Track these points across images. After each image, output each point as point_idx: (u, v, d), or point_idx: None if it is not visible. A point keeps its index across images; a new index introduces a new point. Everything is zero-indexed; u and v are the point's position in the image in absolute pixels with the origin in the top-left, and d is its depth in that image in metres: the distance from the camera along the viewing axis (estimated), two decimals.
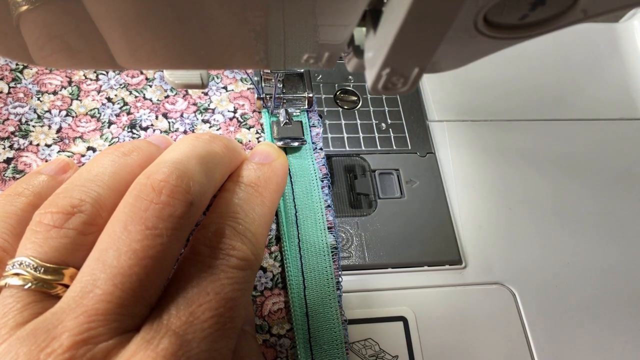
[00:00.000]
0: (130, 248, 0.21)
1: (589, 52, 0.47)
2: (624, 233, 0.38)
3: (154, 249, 0.21)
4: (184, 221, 0.22)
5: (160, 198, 0.22)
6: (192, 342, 0.20)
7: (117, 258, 0.20)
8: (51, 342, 0.19)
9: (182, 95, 0.37)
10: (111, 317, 0.20)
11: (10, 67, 0.36)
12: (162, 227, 0.21)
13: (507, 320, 0.33)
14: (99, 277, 0.20)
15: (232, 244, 0.24)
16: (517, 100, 0.43)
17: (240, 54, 0.19)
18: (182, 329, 0.20)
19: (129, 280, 0.20)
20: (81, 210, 0.23)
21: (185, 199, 0.22)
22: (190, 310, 0.21)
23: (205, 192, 0.24)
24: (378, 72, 0.18)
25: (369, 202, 0.36)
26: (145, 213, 0.21)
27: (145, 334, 0.20)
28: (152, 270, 0.21)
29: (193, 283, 0.22)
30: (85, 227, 0.23)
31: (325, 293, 0.30)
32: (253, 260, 0.25)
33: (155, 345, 0.20)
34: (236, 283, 0.23)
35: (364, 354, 0.30)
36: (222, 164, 0.27)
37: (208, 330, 0.21)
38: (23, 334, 0.19)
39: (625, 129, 0.43)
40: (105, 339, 0.19)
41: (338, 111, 0.39)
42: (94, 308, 0.19)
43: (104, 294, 0.20)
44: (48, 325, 0.19)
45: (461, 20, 0.17)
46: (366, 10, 0.18)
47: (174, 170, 0.23)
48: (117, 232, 0.21)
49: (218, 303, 0.22)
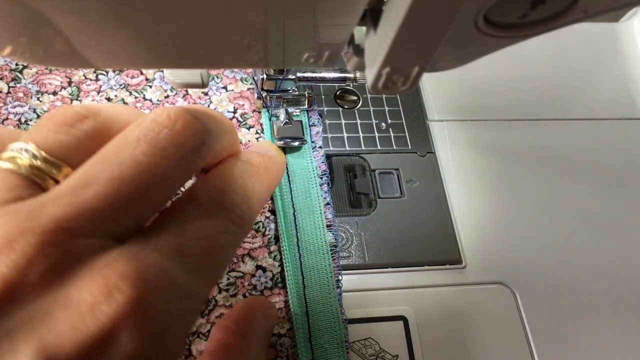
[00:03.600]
0: (136, 159, 0.20)
1: (589, 52, 0.47)
2: (624, 233, 0.38)
3: (158, 167, 0.21)
4: (193, 156, 0.22)
5: (175, 126, 0.22)
6: (174, 270, 0.20)
7: (120, 163, 0.20)
8: (31, 221, 0.18)
9: (182, 95, 0.37)
10: (100, 218, 0.19)
11: (10, 67, 0.36)
12: (171, 151, 0.21)
13: (507, 320, 0.33)
14: (99, 176, 0.20)
15: (231, 199, 0.24)
16: (517, 100, 0.43)
17: (240, 53, 0.19)
18: (169, 255, 0.20)
19: (127, 189, 0.20)
20: (96, 118, 0.23)
21: (198, 134, 0.22)
22: (181, 240, 0.21)
23: (215, 144, 0.24)
24: (378, 71, 0.18)
25: (369, 202, 0.36)
26: (158, 135, 0.21)
27: (130, 247, 0.20)
28: (152, 187, 0.20)
29: (189, 218, 0.22)
30: (96, 134, 0.22)
31: (325, 292, 0.30)
32: (247, 221, 0.24)
33: (140, 258, 0.19)
34: (230, 234, 0.23)
35: (364, 354, 0.30)
36: (230, 132, 0.27)
37: (192, 265, 0.21)
38: (4, 209, 0.18)
39: (625, 129, 0.43)
40: (88, 235, 0.19)
41: (338, 111, 0.39)
42: (86, 202, 0.19)
43: (99, 193, 0.19)
44: (33, 207, 0.18)
45: (461, 19, 0.17)
46: (366, 10, 0.18)
47: (189, 111, 0.23)
48: (126, 142, 0.21)
49: (209, 244, 0.21)
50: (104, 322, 0.17)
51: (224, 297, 0.30)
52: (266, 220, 0.33)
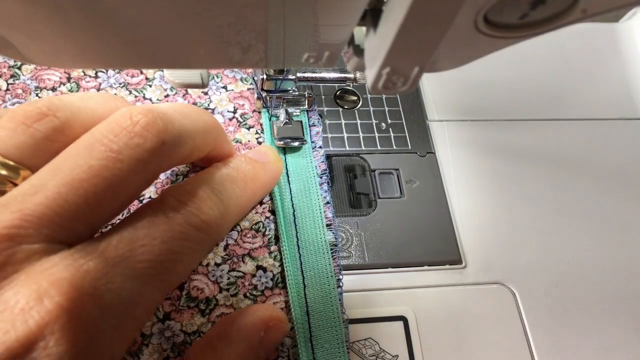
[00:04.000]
0: (87, 163, 0.21)
1: (589, 52, 0.47)
2: (624, 233, 0.38)
3: (109, 172, 0.21)
4: (151, 157, 0.22)
5: (134, 128, 0.22)
6: (118, 276, 0.20)
7: (71, 169, 0.20)
8: None
9: (182, 94, 0.37)
10: (45, 223, 0.19)
11: (9, 64, 0.36)
12: (126, 154, 0.21)
13: (507, 320, 0.33)
14: (48, 183, 0.20)
15: (200, 205, 0.24)
16: (516, 100, 0.43)
17: (239, 53, 0.19)
18: (114, 260, 0.20)
19: (75, 194, 0.20)
20: (56, 116, 0.23)
21: (158, 135, 0.22)
22: (130, 246, 0.21)
23: (182, 144, 0.24)
24: (378, 72, 0.18)
25: (369, 202, 0.36)
26: (115, 138, 0.21)
27: (75, 251, 0.20)
28: (102, 191, 0.21)
29: (145, 224, 0.22)
30: (54, 133, 0.22)
31: (325, 291, 0.30)
32: (215, 228, 0.24)
33: (80, 264, 0.19)
34: (187, 240, 0.23)
35: (364, 354, 0.30)
36: (207, 132, 0.27)
37: (140, 271, 0.21)
38: None
39: (625, 129, 0.43)
40: (32, 241, 0.19)
41: (338, 111, 0.39)
42: (31, 209, 0.19)
43: (45, 199, 0.20)
44: None
45: (461, 19, 0.17)
46: (366, 10, 0.18)
47: (155, 110, 0.23)
48: (81, 146, 0.21)
49: (161, 251, 0.21)
50: (30, 327, 0.18)
51: (224, 297, 0.30)
52: (266, 220, 0.33)
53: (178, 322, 0.29)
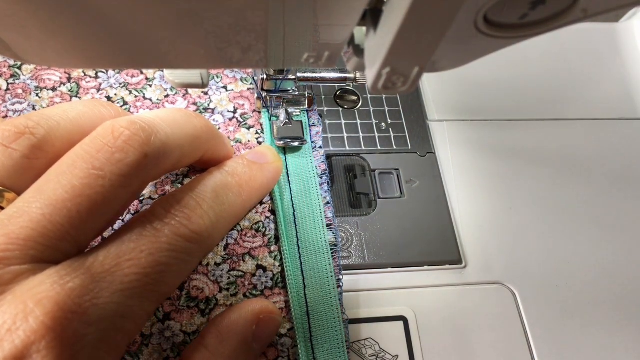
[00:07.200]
0: (70, 183, 0.21)
1: (589, 52, 0.47)
2: (624, 233, 0.38)
3: (92, 190, 0.21)
4: (134, 171, 0.22)
5: (116, 143, 0.22)
6: (104, 291, 0.20)
7: (54, 190, 0.21)
8: None
9: (182, 94, 0.37)
10: (30, 245, 0.20)
11: (9, 64, 0.36)
12: (107, 170, 0.21)
13: (507, 320, 0.33)
14: (32, 205, 0.20)
15: (189, 214, 0.24)
16: (517, 100, 0.43)
17: (239, 53, 0.19)
18: (101, 276, 0.20)
19: (58, 214, 0.20)
20: (33, 133, 0.23)
21: (140, 149, 0.22)
22: (117, 261, 0.21)
23: (168, 153, 0.24)
24: (378, 72, 0.18)
25: (369, 202, 0.36)
26: (97, 154, 0.22)
27: (61, 269, 0.20)
28: (86, 209, 0.21)
29: (132, 237, 0.22)
30: (33, 151, 0.22)
31: (325, 291, 0.30)
32: (205, 238, 0.24)
33: (66, 281, 0.20)
34: (175, 251, 0.23)
35: (364, 354, 0.30)
36: (196, 137, 0.27)
37: (127, 284, 0.21)
38: None
39: (625, 129, 0.43)
40: (18, 262, 0.19)
41: (338, 111, 0.39)
42: (16, 232, 0.20)
43: (30, 221, 0.20)
44: None
45: (461, 19, 0.17)
46: (366, 10, 0.18)
47: (138, 122, 0.23)
48: (64, 166, 0.21)
49: (148, 263, 0.22)
50: (17, 345, 0.18)
51: (224, 297, 0.30)
52: (266, 220, 0.33)
53: (178, 322, 0.29)
